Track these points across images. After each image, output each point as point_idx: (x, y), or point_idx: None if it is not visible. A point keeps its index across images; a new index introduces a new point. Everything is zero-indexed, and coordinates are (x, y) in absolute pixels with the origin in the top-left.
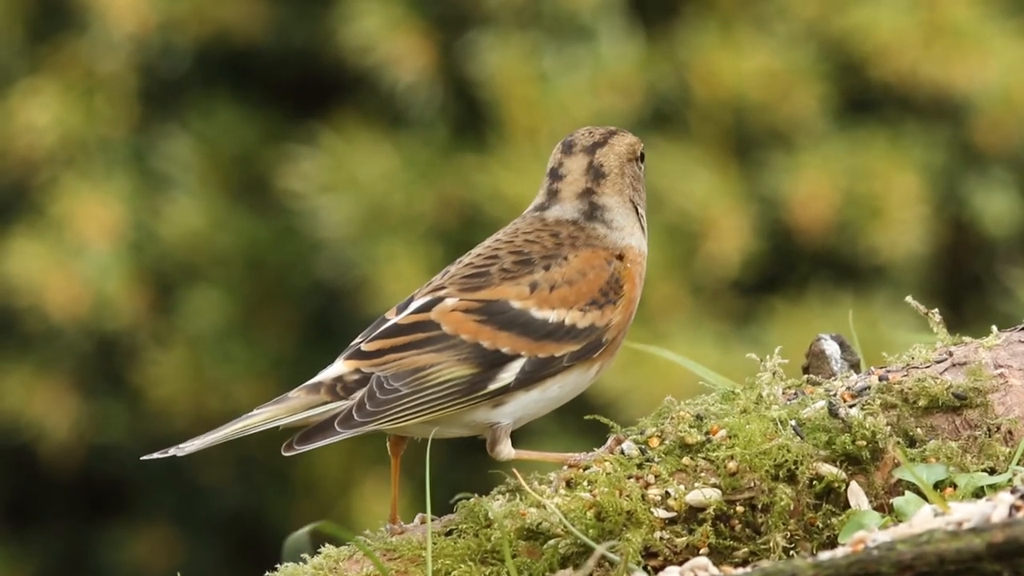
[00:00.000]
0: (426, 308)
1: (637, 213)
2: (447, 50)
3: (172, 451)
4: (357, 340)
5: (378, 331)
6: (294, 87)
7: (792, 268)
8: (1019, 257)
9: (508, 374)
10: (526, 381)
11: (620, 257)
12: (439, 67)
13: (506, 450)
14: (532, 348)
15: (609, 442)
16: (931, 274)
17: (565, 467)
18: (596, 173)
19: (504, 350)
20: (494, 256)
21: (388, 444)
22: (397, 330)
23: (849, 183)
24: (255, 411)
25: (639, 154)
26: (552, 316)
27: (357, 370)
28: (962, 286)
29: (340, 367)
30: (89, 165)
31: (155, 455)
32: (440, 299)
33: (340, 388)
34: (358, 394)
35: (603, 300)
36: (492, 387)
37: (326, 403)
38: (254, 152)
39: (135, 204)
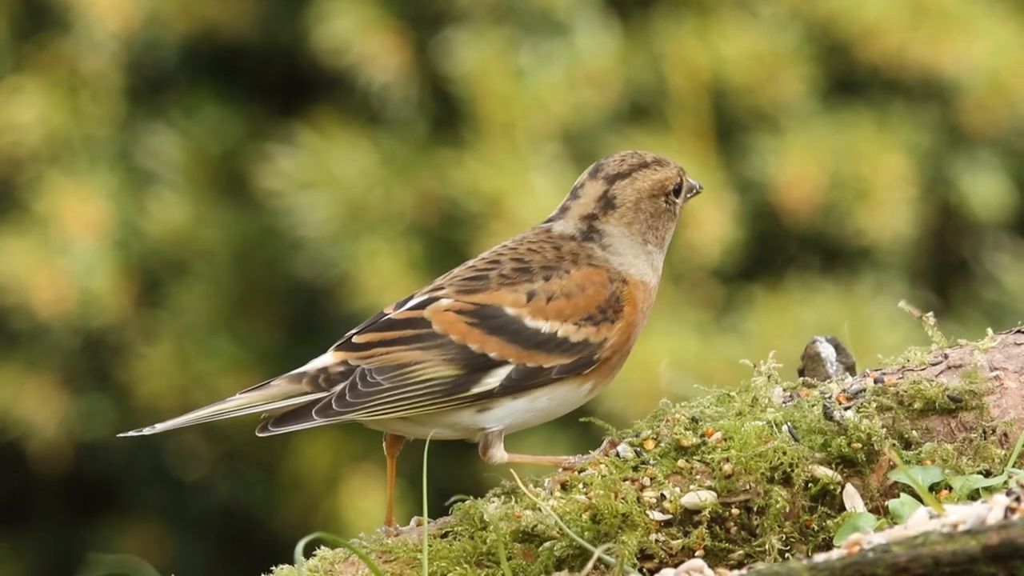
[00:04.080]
0: (421, 306)
1: (647, 247)
2: (422, 48)
3: (146, 431)
4: (352, 332)
5: (372, 324)
6: (277, 85)
7: (778, 251)
8: (1006, 242)
9: (493, 379)
10: (512, 389)
11: (624, 281)
12: (414, 65)
13: (498, 454)
14: (521, 356)
15: (604, 444)
16: (917, 258)
17: (560, 470)
18: (607, 204)
19: (491, 355)
20: (496, 261)
21: (384, 444)
22: (389, 325)
23: (836, 165)
24: (234, 396)
25: (671, 189)
26: (545, 327)
27: (344, 362)
28: (949, 270)
29: (328, 358)
30: (74, 162)
31: (131, 433)
32: (436, 299)
33: (323, 379)
34: (339, 386)
35: (600, 317)
36: (475, 390)
37: (306, 393)
38: (238, 149)
39: (120, 201)
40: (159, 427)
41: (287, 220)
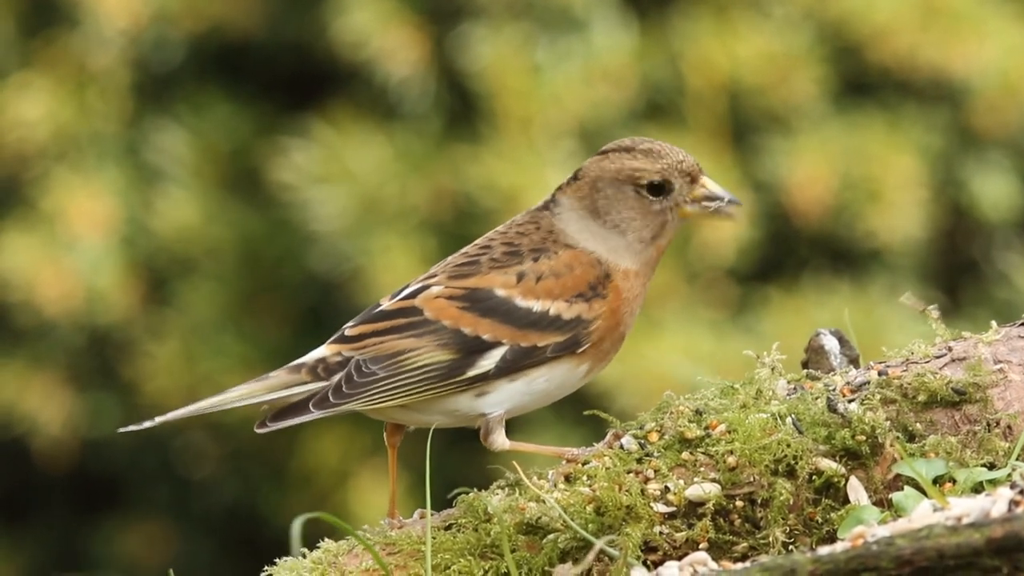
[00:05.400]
0: (413, 295)
1: (598, 227)
2: (440, 43)
3: (147, 423)
4: (345, 325)
5: (364, 317)
6: (287, 81)
7: (789, 252)
8: (1017, 242)
9: (488, 361)
10: (508, 370)
11: (601, 263)
12: (432, 60)
13: (499, 440)
14: (515, 336)
15: (608, 437)
16: (928, 259)
17: (563, 461)
18: (574, 177)
19: (485, 337)
20: (487, 247)
21: (385, 434)
22: (382, 315)
23: (847, 166)
24: (234, 388)
25: (645, 183)
26: (536, 306)
27: (339, 353)
28: (959, 271)
29: (324, 350)
30: (81, 159)
31: (131, 427)
32: (428, 287)
33: (321, 370)
34: (336, 377)
35: (591, 294)
36: (471, 373)
37: (305, 383)
38: (247, 145)
39: (127, 198)
40: (159, 419)
41: (300, 214)
